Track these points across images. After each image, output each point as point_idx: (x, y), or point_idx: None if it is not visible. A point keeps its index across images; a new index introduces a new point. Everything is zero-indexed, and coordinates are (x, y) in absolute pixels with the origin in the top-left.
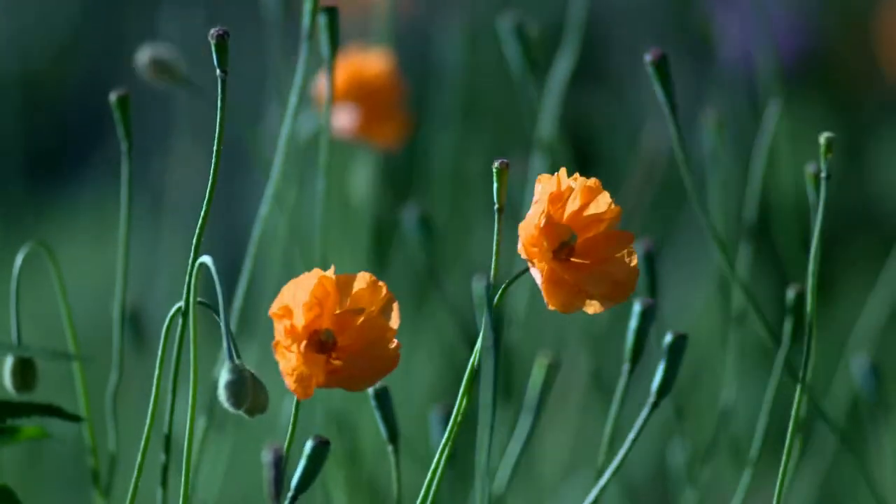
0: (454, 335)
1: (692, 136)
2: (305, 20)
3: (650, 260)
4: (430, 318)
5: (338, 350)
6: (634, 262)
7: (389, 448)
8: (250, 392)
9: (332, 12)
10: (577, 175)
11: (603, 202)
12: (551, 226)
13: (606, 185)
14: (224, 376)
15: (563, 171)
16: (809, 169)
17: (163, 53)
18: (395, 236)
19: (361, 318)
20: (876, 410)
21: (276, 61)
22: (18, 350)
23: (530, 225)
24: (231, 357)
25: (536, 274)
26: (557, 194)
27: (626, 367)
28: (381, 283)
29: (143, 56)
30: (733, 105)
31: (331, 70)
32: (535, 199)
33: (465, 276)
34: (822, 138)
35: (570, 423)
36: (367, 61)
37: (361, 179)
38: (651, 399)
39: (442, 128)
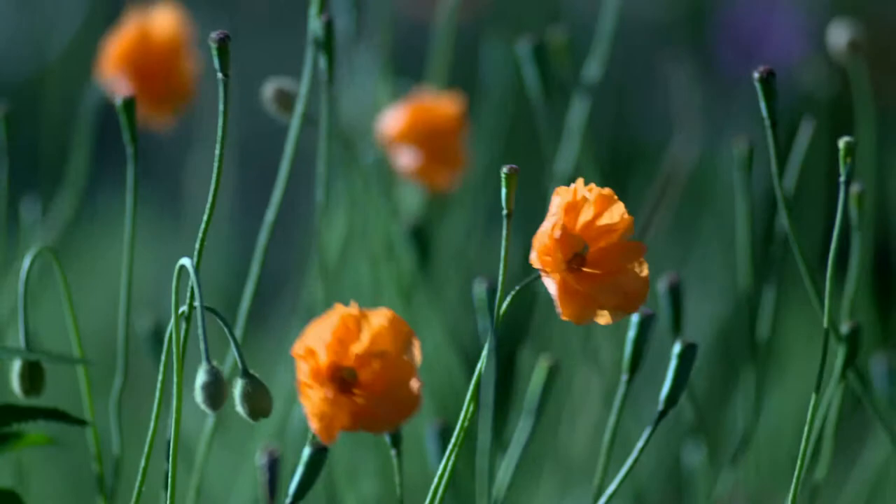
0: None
1: (720, 151)
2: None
3: (674, 294)
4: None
5: (360, 386)
6: (645, 272)
7: (392, 452)
8: (225, 395)
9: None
10: (592, 185)
11: (616, 212)
12: (565, 237)
13: (628, 197)
14: (200, 377)
15: (580, 181)
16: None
17: (287, 86)
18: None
19: (381, 362)
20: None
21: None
22: (24, 354)
23: (544, 235)
24: (208, 359)
25: (550, 285)
26: (572, 204)
27: (624, 377)
28: (401, 321)
29: (269, 90)
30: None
31: (330, 85)
32: (550, 209)
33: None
34: (842, 143)
35: (586, 429)
36: (438, 103)
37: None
38: (659, 408)
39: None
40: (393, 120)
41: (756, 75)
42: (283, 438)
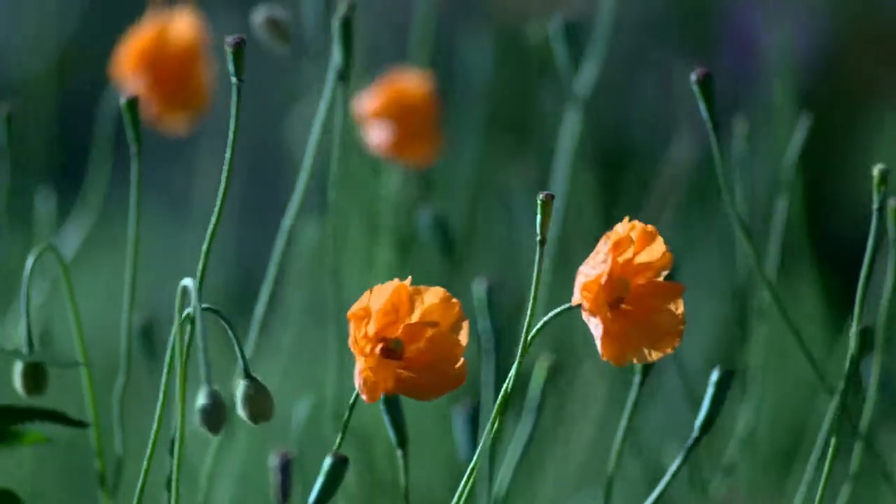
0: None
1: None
2: (337, 57)
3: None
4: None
5: (406, 360)
6: (681, 310)
7: (399, 453)
8: (224, 418)
9: (347, 23)
10: (636, 222)
11: (657, 249)
12: (611, 280)
13: (629, 195)
14: (199, 400)
15: (625, 219)
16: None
17: (278, 14)
18: (415, 241)
19: (432, 332)
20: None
21: (306, 71)
22: (26, 357)
23: (591, 277)
24: (208, 382)
25: (595, 326)
26: (617, 242)
27: (637, 378)
28: (454, 300)
29: (259, 16)
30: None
31: (346, 80)
32: (599, 248)
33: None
34: (876, 171)
35: (586, 433)
36: (408, 82)
37: (391, 186)
38: (694, 434)
39: (467, 136)
40: (368, 99)
41: (693, 78)
42: (287, 437)
